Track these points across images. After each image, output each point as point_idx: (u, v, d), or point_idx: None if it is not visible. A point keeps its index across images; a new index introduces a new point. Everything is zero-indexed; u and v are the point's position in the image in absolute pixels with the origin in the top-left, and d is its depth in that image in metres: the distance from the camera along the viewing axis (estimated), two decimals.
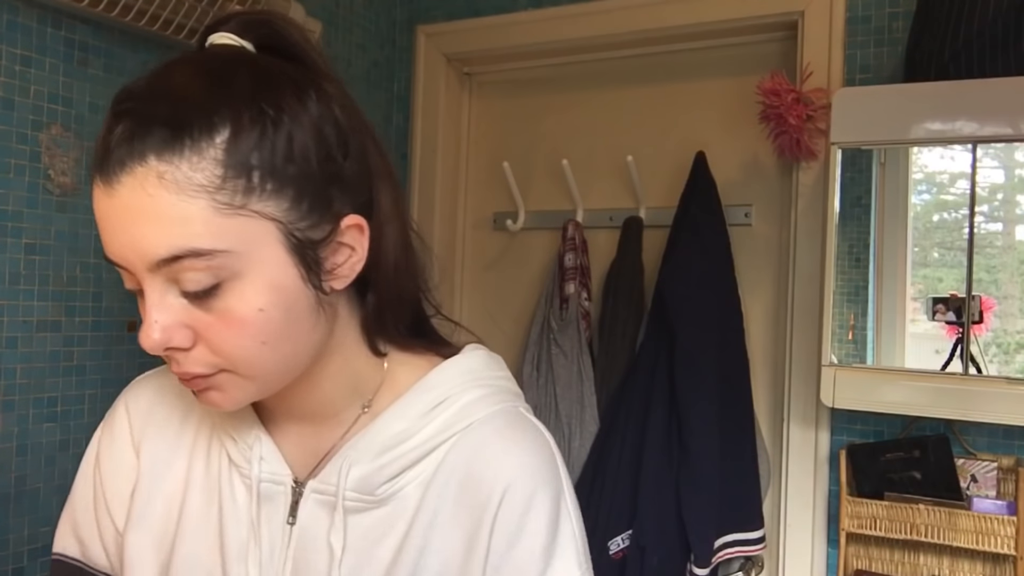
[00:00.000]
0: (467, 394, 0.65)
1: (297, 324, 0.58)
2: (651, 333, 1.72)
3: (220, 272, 0.54)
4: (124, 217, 0.53)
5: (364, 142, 0.61)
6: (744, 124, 1.81)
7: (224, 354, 0.57)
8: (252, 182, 0.54)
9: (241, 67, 0.56)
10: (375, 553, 0.62)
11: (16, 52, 1.29)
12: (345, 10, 1.96)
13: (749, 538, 1.61)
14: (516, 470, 0.63)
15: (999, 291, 1.53)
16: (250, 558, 0.64)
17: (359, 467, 0.63)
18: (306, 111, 0.56)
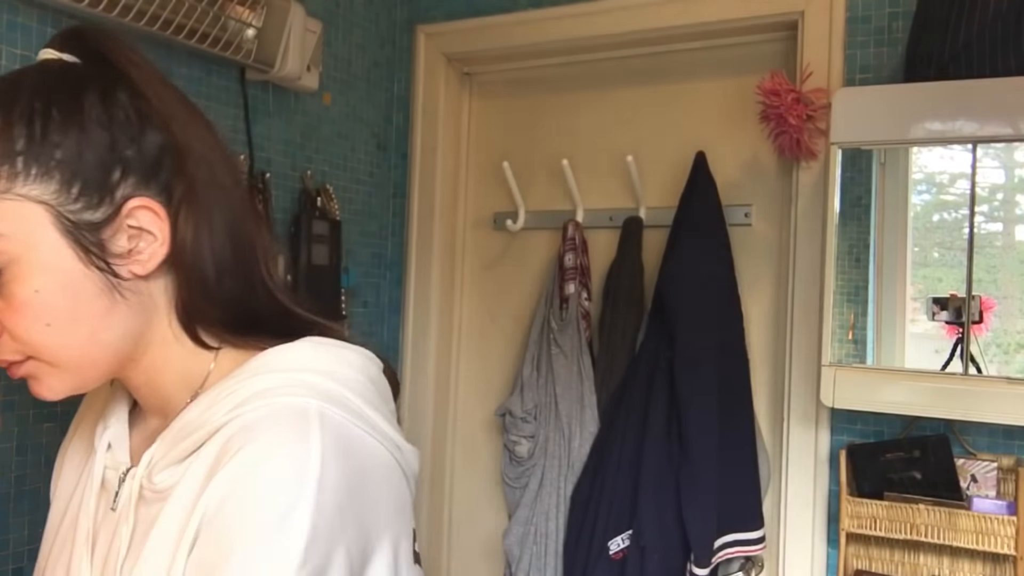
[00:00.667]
0: (260, 383, 0.61)
1: (85, 306, 0.60)
2: (651, 333, 1.73)
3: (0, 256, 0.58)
4: None
5: (168, 135, 0.62)
6: (744, 124, 1.81)
7: (18, 339, 0.60)
8: (16, 168, 0.58)
9: (23, 72, 0.62)
10: (143, 551, 0.61)
11: (16, 52, 1.29)
12: (345, 10, 1.96)
13: (749, 538, 1.61)
14: (245, 460, 0.56)
15: (999, 291, 1.53)
16: (86, 545, 0.66)
17: (154, 457, 0.64)
18: (84, 104, 0.59)
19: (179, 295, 0.64)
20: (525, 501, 1.82)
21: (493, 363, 2.10)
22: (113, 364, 0.64)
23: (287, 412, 0.58)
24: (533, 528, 1.80)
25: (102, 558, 0.64)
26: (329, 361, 0.64)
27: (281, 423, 0.58)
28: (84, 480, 0.71)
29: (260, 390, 0.60)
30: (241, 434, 0.58)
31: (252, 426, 0.58)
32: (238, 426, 0.58)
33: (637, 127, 1.97)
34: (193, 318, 0.65)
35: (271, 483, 0.55)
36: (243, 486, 0.55)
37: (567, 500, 1.77)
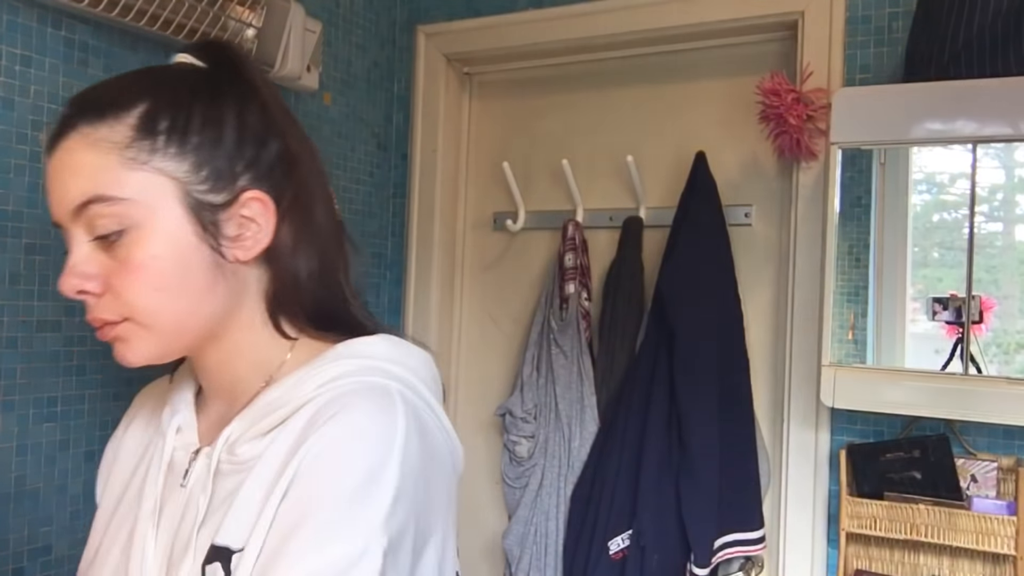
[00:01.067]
0: (341, 367, 0.68)
1: (192, 278, 0.66)
2: (651, 333, 1.72)
3: (124, 219, 0.64)
4: (55, 177, 0.66)
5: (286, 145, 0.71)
6: (744, 124, 1.81)
7: (125, 300, 0.65)
8: (157, 144, 0.65)
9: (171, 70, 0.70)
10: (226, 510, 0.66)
11: (16, 52, 1.29)
12: (345, 10, 1.96)
13: (749, 538, 1.61)
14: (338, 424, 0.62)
15: (999, 291, 1.53)
16: (152, 517, 0.71)
17: (236, 432, 0.69)
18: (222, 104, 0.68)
19: (271, 286, 0.71)
20: (525, 501, 1.82)
21: (493, 363, 2.10)
22: (199, 337, 0.69)
23: (372, 389, 0.65)
24: (533, 528, 1.81)
25: (169, 529, 0.69)
26: (402, 355, 0.71)
27: (368, 397, 0.64)
28: (147, 462, 0.76)
29: (344, 371, 0.67)
30: (331, 404, 0.64)
31: (341, 398, 0.64)
32: (327, 399, 0.65)
33: (637, 127, 1.97)
34: (280, 309, 0.72)
35: (362, 444, 0.61)
36: (335, 445, 0.61)
37: (567, 500, 1.77)
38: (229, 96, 0.69)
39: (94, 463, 1.42)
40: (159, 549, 0.69)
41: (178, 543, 0.68)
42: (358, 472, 0.60)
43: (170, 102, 0.67)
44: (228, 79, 0.70)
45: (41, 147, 1.32)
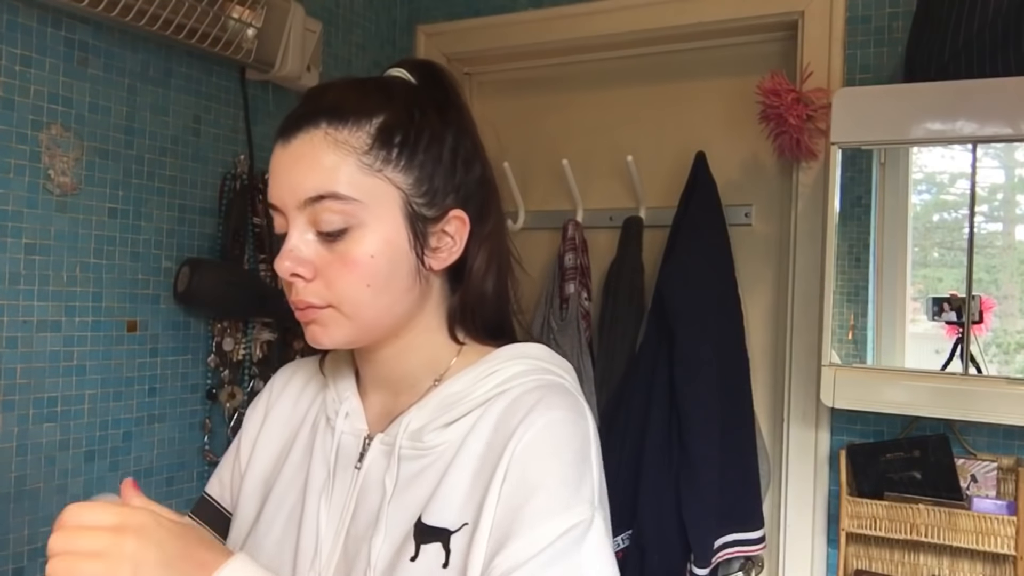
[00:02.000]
0: (515, 367, 0.76)
1: (397, 279, 0.72)
2: (651, 333, 1.72)
3: (350, 218, 0.70)
4: (290, 163, 0.72)
5: (485, 171, 0.79)
6: (744, 124, 1.81)
7: (335, 289, 0.71)
8: (391, 155, 0.71)
9: (401, 87, 0.76)
10: (417, 493, 0.72)
11: (16, 52, 1.29)
12: (345, 10, 1.96)
13: (749, 538, 1.61)
14: (539, 412, 0.70)
15: (999, 291, 1.53)
16: (323, 495, 0.77)
17: (416, 421, 0.75)
18: (444, 129, 0.75)
19: (459, 299, 0.79)
20: None
21: None
22: (387, 332, 0.75)
23: (553, 385, 0.74)
24: None
25: (340, 506, 0.76)
26: (557, 359, 0.80)
27: (555, 392, 0.73)
28: (304, 442, 0.83)
29: (520, 371, 0.75)
30: (524, 397, 0.72)
31: (532, 392, 0.73)
32: (516, 394, 0.73)
33: (637, 127, 1.97)
34: (460, 319, 0.79)
35: (566, 430, 0.71)
36: (545, 433, 0.69)
37: None
38: (450, 119, 0.76)
39: (94, 463, 1.42)
40: (330, 524, 0.75)
41: (359, 520, 0.74)
42: (570, 453, 0.69)
43: (403, 118, 0.73)
44: (447, 101, 0.77)
45: (41, 145, 1.32)
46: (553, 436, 0.70)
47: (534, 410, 0.70)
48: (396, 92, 0.75)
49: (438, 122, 0.75)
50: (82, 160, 1.39)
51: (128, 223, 1.47)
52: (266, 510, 0.81)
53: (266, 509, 0.81)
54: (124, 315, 1.47)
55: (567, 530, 0.66)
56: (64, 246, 1.36)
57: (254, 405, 0.92)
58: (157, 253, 1.52)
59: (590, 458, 0.71)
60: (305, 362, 0.92)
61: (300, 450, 0.83)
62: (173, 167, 1.55)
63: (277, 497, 0.81)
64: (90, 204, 1.40)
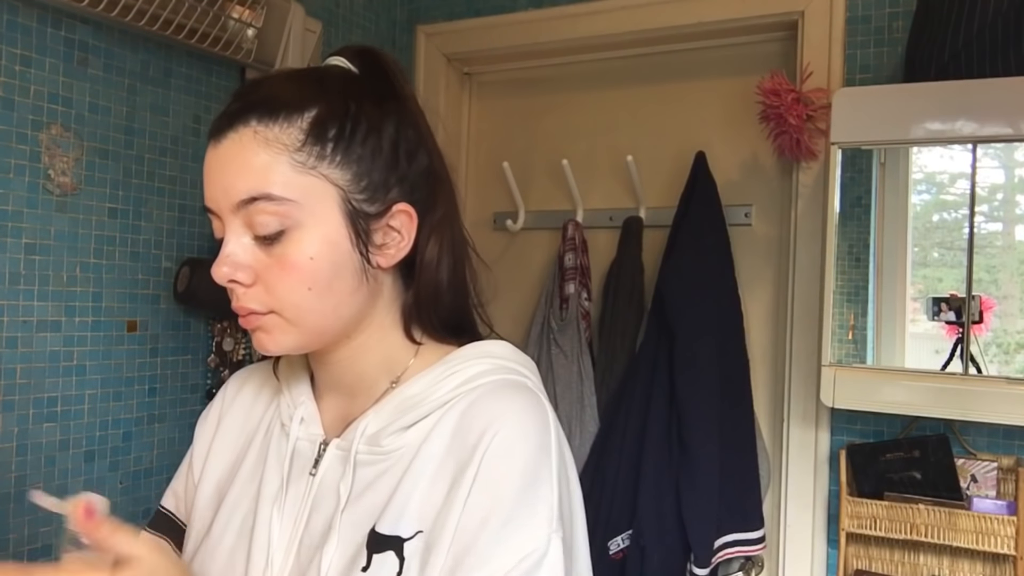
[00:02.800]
0: (476, 366, 0.73)
1: (340, 281, 0.69)
2: (651, 333, 1.72)
3: (285, 220, 0.67)
4: (221, 165, 0.68)
5: (431, 161, 0.75)
6: (744, 124, 1.81)
7: (275, 294, 0.68)
8: (325, 151, 0.68)
9: (337, 77, 0.72)
10: (373, 501, 0.70)
11: (16, 52, 1.29)
12: (345, 10, 1.96)
13: (749, 538, 1.61)
14: (506, 417, 0.68)
15: (999, 291, 1.53)
16: (275, 503, 0.74)
17: (373, 425, 0.72)
18: (383, 117, 0.71)
19: (412, 296, 0.75)
20: None
21: None
22: (337, 335, 0.73)
23: (516, 387, 0.72)
24: None
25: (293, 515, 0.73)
26: (520, 357, 0.77)
27: (513, 396, 0.70)
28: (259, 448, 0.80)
29: (481, 371, 0.72)
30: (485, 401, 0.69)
31: (493, 395, 0.70)
32: (476, 396, 0.70)
33: (637, 127, 1.97)
34: (415, 317, 0.75)
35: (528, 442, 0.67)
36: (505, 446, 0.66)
37: None
38: (389, 109, 0.72)
39: (94, 463, 1.42)
40: (283, 534, 0.73)
41: (312, 529, 0.71)
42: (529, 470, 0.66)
43: (337, 110, 0.69)
44: (387, 91, 0.74)
45: (41, 145, 1.32)
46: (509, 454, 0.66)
47: (496, 419, 0.68)
48: (331, 83, 0.71)
49: (376, 112, 0.71)
50: (82, 160, 1.39)
51: (128, 223, 1.47)
52: (218, 520, 0.78)
53: (218, 519, 0.78)
54: (124, 315, 1.47)
55: (520, 560, 0.63)
56: (64, 246, 1.36)
57: (205, 415, 0.89)
58: (157, 253, 1.52)
59: (549, 473, 0.67)
60: (258, 367, 0.89)
61: (253, 458, 0.80)
62: (173, 167, 1.55)
63: (229, 506, 0.78)
64: (90, 204, 1.40)
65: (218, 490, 0.81)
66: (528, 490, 0.65)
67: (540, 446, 0.68)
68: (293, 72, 0.74)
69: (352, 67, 0.74)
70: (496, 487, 0.65)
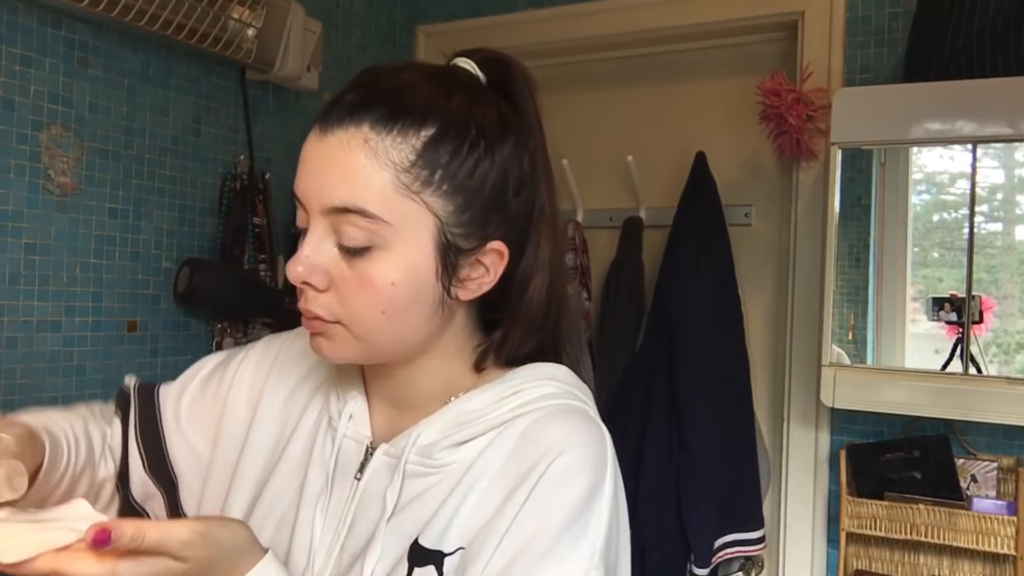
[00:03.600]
0: (541, 388, 0.70)
1: (416, 309, 0.66)
2: (651, 333, 1.72)
3: (375, 238, 0.63)
4: (323, 161, 0.64)
5: (538, 195, 0.72)
6: (744, 124, 1.81)
7: (347, 308, 0.65)
8: (433, 177, 0.64)
9: (465, 89, 0.67)
10: (419, 513, 0.67)
11: (16, 52, 1.29)
12: (345, 10, 1.96)
13: (749, 538, 1.61)
14: (567, 445, 0.65)
15: (999, 291, 1.53)
16: (319, 503, 0.71)
17: (426, 436, 0.69)
18: (502, 146, 0.67)
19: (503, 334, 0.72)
20: None
21: None
22: (400, 357, 0.70)
23: (578, 413, 0.69)
24: None
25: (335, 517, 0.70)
26: (579, 383, 0.74)
27: (576, 421, 0.68)
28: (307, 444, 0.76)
29: (545, 393, 0.70)
30: (547, 424, 0.67)
31: (555, 418, 0.67)
32: (537, 417, 0.67)
33: (637, 127, 1.97)
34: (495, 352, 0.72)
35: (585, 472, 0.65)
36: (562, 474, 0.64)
37: None
38: (510, 135, 0.68)
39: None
40: (325, 537, 0.70)
41: (355, 535, 0.69)
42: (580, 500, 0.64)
43: (457, 132, 0.65)
44: (512, 113, 0.70)
45: (41, 145, 1.32)
46: (565, 481, 0.64)
47: (557, 444, 0.65)
48: (457, 94, 0.67)
49: (496, 140, 0.67)
50: (82, 160, 1.39)
51: (128, 223, 1.47)
52: (257, 510, 0.75)
53: (257, 509, 0.75)
54: (124, 315, 1.46)
55: None
56: (64, 246, 1.36)
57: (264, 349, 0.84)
58: (157, 253, 1.52)
59: (601, 506, 0.65)
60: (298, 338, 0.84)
61: (298, 450, 0.76)
62: (173, 167, 1.55)
63: (269, 498, 0.75)
64: (90, 204, 1.40)
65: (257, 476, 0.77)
66: (576, 522, 0.63)
67: (596, 480, 0.65)
68: (420, 71, 0.68)
69: (481, 74, 0.71)
70: (545, 513, 0.63)
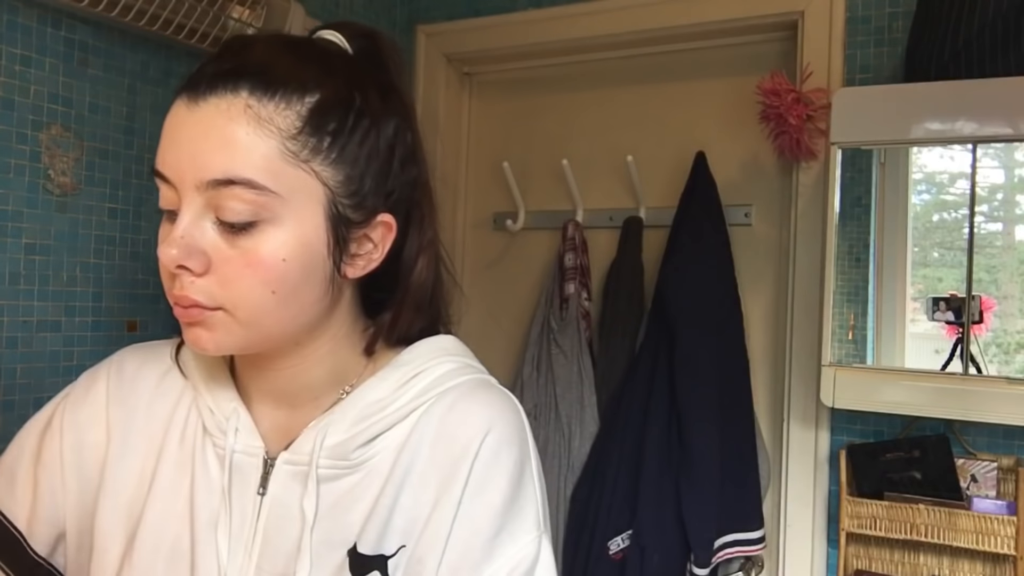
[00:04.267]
0: (441, 367, 0.69)
1: (307, 288, 0.62)
2: (651, 333, 1.72)
3: (262, 211, 0.59)
4: (197, 131, 0.58)
5: (420, 171, 0.69)
6: (744, 124, 1.81)
7: (231, 291, 0.60)
8: (321, 145, 0.60)
9: (341, 60, 0.65)
10: (346, 519, 0.64)
11: (16, 52, 1.29)
12: (345, 10, 1.96)
13: (749, 538, 1.61)
14: (489, 424, 0.65)
15: (999, 291, 1.53)
16: (220, 526, 0.65)
17: (334, 436, 0.65)
18: (386, 118, 0.64)
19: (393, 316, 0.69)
20: None
21: (493, 363, 2.09)
22: (283, 343, 0.65)
23: (487, 386, 0.69)
24: None
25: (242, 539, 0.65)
26: (466, 350, 0.74)
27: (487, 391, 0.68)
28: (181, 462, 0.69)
29: (445, 372, 0.68)
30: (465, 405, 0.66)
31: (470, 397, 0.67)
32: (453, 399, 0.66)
33: (637, 127, 1.97)
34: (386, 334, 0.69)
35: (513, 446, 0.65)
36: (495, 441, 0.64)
37: (567, 500, 1.77)
38: (392, 106, 0.66)
39: None
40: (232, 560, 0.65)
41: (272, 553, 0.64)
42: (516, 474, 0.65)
43: (342, 99, 0.62)
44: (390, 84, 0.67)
45: (41, 145, 1.32)
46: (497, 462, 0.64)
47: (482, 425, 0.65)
48: (336, 65, 0.63)
49: (380, 109, 0.64)
50: (82, 160, 1.39)
51: (128, 223, 1.47)
52: (138, 551, 0.66)
53: (138, 550, 0.66)
54: (124, 315, 1.46)
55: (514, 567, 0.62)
56: (64, 246, 1.36)
57: (82, 395, 0.73)
58: (157, 253, 1.52)
59: (531, 473, 0.66)
60: (151, 350, 0.75)
61: (171, 471, 0.68)
62: None
63: (151, 531, 0.67)
64: (90, 204, 1.40)
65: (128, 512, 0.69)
66: (517, 497, 0.65)
67: (522, 449, 0.67)
68: (291, 42, 0.65)
69: (349, 48, 0.67)
70: (487, 495, 0.64)
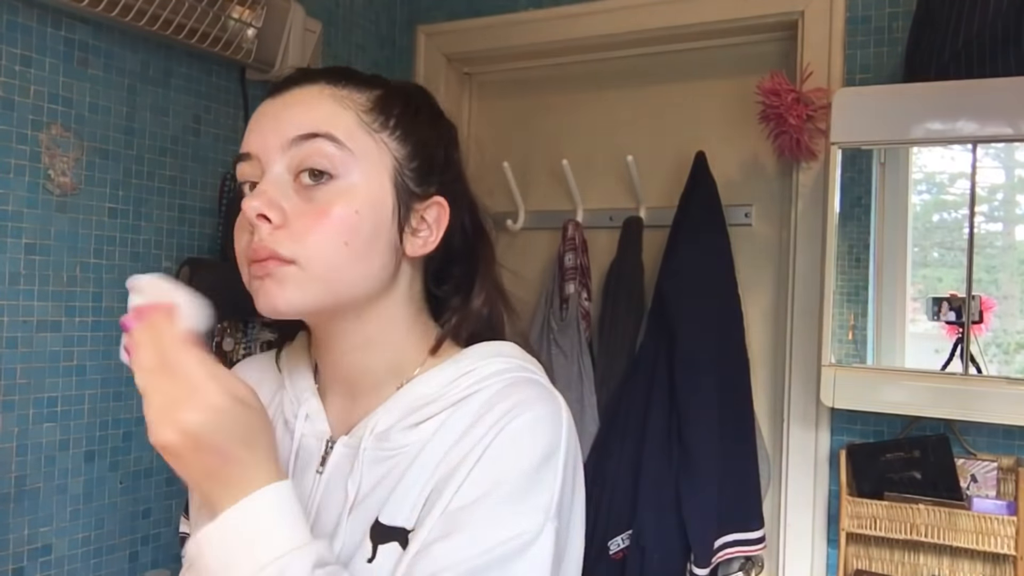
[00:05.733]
0: (492, 365, 0.72)
1: (375, 247, 0.68)
2: (651, 333, 1.72)
3: (339, 167, 0.66)
4: (280, 107, 0.68)
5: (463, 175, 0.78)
6: (744, 124, 1.81)
7: (305, 243, 0.65)
8: (388, 123, 0.70)
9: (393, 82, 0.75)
10: (377, 495, 0.69)
11: (16, 52, 1.29)
12: (345, 10, 1.96)
13: (749, 538, 1.61)
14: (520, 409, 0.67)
15: (999, 291, 1.53)
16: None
17: (383, 423, 0.71)
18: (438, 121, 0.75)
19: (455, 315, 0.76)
20: None
21: None
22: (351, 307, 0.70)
23: (530, 383, 0.71)
24: None
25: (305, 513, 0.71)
26: (530, 358, 0.76)
27: (531, 389, 0.70)
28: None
29: (497, 370, 0.71)
30: (502, 395, 0.68)
31: (509, 388, 0.69)
32: (492, 392, 0.69)
33: (637, 127, 1.97)
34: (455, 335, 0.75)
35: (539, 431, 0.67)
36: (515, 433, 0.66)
37: None
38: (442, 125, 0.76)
39: (94, 463, 1.42)
40: None
41: (320, 525, 0.70)
42: (537, 457, 0.65)
43: (400, 95, 0.73)
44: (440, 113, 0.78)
45: (41, 145, 1.32)
46: (523, 437, 0.66)
47: (512, 409, 0.67)
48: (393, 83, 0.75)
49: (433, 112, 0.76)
50: (82, 160, 1.39)
51: (128, 223, 1.47)
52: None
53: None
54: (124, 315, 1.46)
55: (511, 537, 0.62)
56: (64, 246, 1.36)
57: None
58: (157, 253, 1.52)
59: (556, 464, 0.66)
60: (257, 358, 0.87)
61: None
62: (173, 167, 1.55)
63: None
64: (90, 204, 1.40)
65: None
66: (534, 477, 0.65)
67: (553, 441, 0.67)
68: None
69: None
70: (502, 464, 0.65)
